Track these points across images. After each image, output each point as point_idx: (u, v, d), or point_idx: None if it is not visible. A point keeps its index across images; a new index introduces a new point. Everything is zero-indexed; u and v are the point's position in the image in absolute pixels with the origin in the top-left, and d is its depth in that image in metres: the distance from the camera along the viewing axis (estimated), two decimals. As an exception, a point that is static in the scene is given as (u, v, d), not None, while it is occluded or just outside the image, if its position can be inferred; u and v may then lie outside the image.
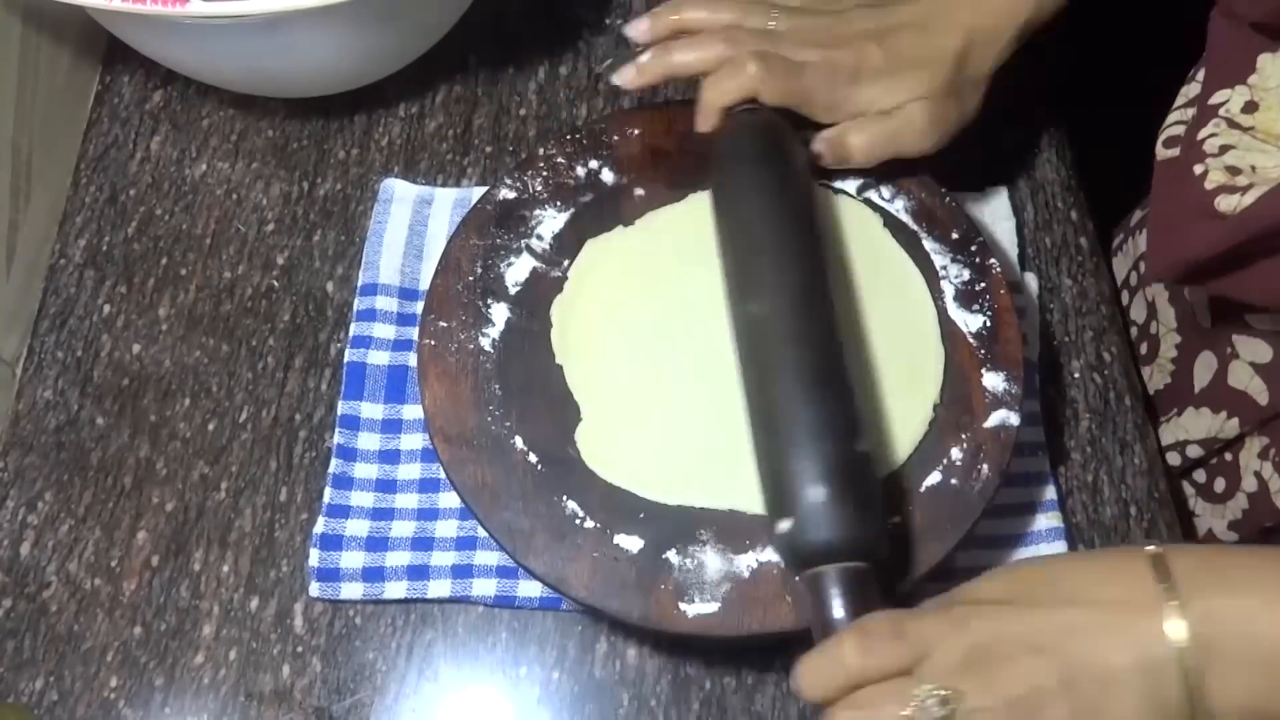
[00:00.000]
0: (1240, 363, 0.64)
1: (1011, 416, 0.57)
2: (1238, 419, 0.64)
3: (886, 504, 0.55)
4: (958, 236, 0.62)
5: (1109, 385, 0.67)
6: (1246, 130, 0.55)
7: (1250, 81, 0.56)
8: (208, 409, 0.65)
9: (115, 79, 0.76)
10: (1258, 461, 0.64)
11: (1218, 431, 0.65)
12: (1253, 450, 0.65)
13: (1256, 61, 0.56)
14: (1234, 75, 0.56)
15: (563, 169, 0.64)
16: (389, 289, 0.66)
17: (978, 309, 0.60)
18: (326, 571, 0.59)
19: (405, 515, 0.61)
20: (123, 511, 0.62)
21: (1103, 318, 0.69)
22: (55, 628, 0.59)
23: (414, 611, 0.60)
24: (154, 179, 0.72)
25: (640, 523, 0.55)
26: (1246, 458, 0.65)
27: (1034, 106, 0.76)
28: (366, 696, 0.58)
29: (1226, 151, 0.55)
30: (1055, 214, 0.72)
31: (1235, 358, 0.64)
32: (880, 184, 0.63)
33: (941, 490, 0.56)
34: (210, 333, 0.67)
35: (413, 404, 0.63)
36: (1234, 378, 0.64)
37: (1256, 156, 0.54)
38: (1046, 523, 0.62)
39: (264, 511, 0.62)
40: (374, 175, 0.72)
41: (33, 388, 0.65)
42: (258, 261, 0.69)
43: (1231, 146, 0.55)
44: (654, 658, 0.59)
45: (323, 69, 0.69)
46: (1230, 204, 0.53)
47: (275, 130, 0.74)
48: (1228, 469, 0.67)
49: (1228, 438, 0.66)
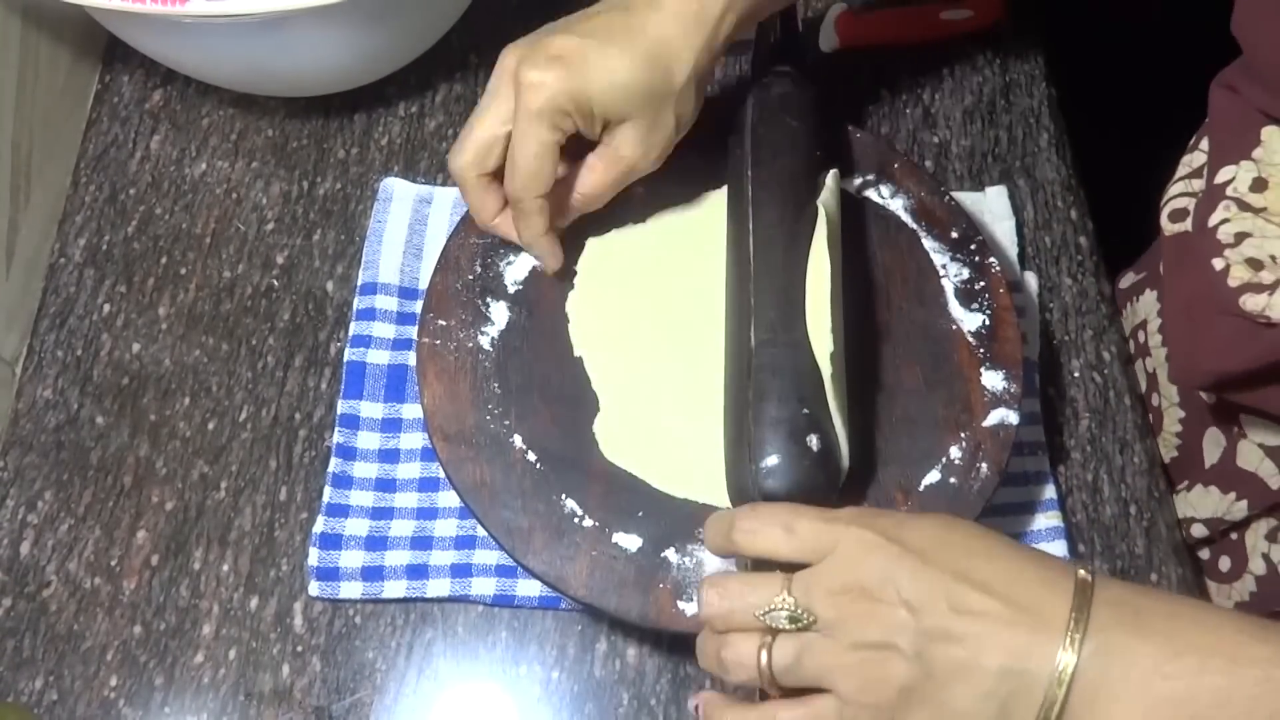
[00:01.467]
0: (1249, 443, 0.62)
1: (1010, 415, 0.57)
2: (1246, 500, 0.62)
3: (881, 502, 0.55)
4: (957, 235, 0.62)
5: (1109, 384, 0.67)
6: (1259, 212, 0.53)
7: (1255, 156, 0.54)
8: (207, 408, 0.65)
9: (115, 78, 0.76)
10: (1265, 544, 0.63)
11: (1224, 512, 0.64)
12: (1259, 532, 0.63)
13: (1261, 134, 0.55)
14: (1239, 150, 0.55)
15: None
16: (389, 288, 0.66)
17: (977, 308, 0.60)
18: (326, 570, 0.59)
19: (405, 514, 0.61)
20: (122, 511, 0.62)
21: (1102, 317, 0.69)
22: (55, 627, 0.59)
23: (414, 611, 0.60)
24: (154, 178, 0.72)
25: (639, 521, 0.55)
26: (1253, 539, 0.64)
27: (1034, 106, 0.76)
28: (366, 696, 0.58)
29: (1243, 241, 0.53)
30: (1055, 213, 0.72)
31: (1243, 437, 0.62)
32: (880, 183, 0.63)
33: (940, 488, 0.56)
34: (210, 332, 0.67)
35: (412, 403, 0.63)
36: (1243, 458, 0.62)
37: (1275, 245, 0.52)
38: (1046, 522, 0.62)
39: (264, 511, 0.62)
40: (374, 174, 0.72)
41: (33, 387, 0.65)
42: (257, 261, 0.69)
43: (1247, 234, 0.53)
44: (654, 657, 0.59)
45: (323, 69, 0.69)
46: (1258, 304, 0.51)
47: (275, 130, 0.74)
48: (1234, 549, 0.65)
49: (1235, 519, 0.64)
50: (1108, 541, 0.63)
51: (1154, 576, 0.62)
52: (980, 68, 0.78)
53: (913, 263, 0.61)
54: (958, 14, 0.77)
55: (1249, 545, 0.64)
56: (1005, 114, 0.76)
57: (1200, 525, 0.65)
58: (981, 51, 0.78)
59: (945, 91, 0.77)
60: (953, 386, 0.58)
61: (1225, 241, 0.53)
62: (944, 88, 0.77)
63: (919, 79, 0.77)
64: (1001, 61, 0.78)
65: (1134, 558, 0.63)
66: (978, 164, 0.74)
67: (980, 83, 0.77)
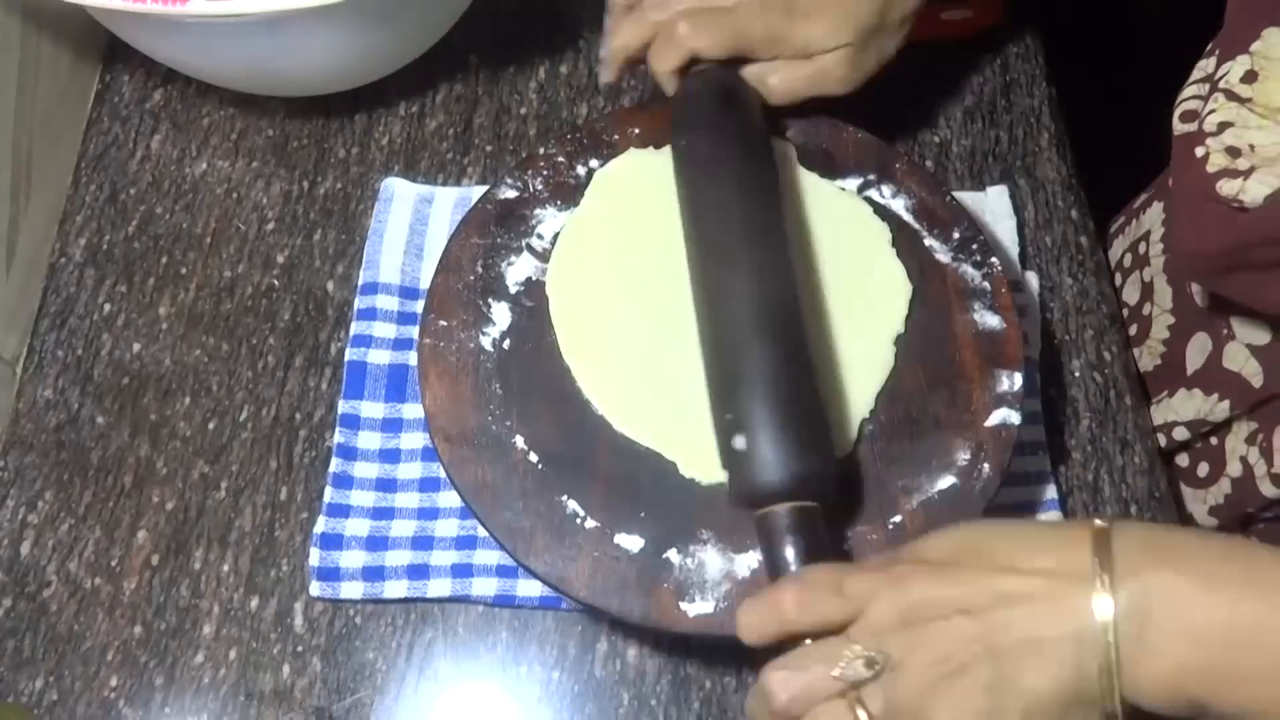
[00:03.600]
0: (1237, 344, 0.63)
1: (1012, 415, 0.57)
2: (1228, 401, 0.64)
3: (885, 503, 0.55)
4: (959, 235, 0.62)
5: (1109, 384, 0.67)
6: (1244, 102, 0.54)
7: (1253, 49, 0.55)
8: (208, 408, 0.65)
9: (115, 78, 0.75)
10: (1244, 446, 0.64)
11: (1207, 414, 0.65)
12: (1240, 435, 0.65)
13: (1263, 32, 0.55)
14: (1242, 46, 0.56)
15: (563, 168, 0.63)
16: (389, 288, 0.66)
17: (979, 308, 0.60)
18: (326, 571, 0.59)
19: (405, 514, 0.61)
20: (123, 511, 0.62)
21: (1103, 317, 0.69)
22: (55, 627, 0.59)
23: (414, 611, 0.60)
24: (154, 178, 0.72)
25: (641, 522, 0.55)
26: (1233, 442, 0.65)
27: (1034, 106, 0.76)
28: (366, 696, 0.58)
29: (1225, 130, 0.54)
30: (1055, 213, 0.72)
31: (1232, 339, 0.64)
32: (882, 183, 0.63)
33: (943, 489, 0.56)
34: (210, 331, 0.67)
35: (413, 403, 0.63)
36: (1229, 359, 0.64)
37: (1254, 134, 0.53)
38: (1047, 522, 0.62)
39: (264, 511, 0.62)
40: (374, 174, 0.72)
41: (33, 387, 0.65)
42: (258, 260, 0.69)
43: (1230, 124, 0.54)
44: (654, 657, 0.59)
45: (323, 69, 0.69)
46: (1233, 188, 0.52)
47: (275, 129, 0.74)
48: (1213, 453, 0.67)
49: (1216, 420, 0.65)
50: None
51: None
52: (980, 68, 0.78)
53: (914, 263, 0.61)
54: (958, 14, 0.77)
55: (1228, 449, 0.65)
56: (1005, 114, 0.76)
57: (1182, 428, 0.67)
58: (981, 51, 0.78)
59: (945, 91, 0.77)
60: (955, 387, 0.58)
61: (1209, 131, 0.54)
62: (944, 88, 0.77)
63: (919, 79, 0.77)
64: (1001, 61, 0.78)
65: (1135, 558, 0.63)
66: (978, 164, 0.74)
67: (980, 83, 0.77)
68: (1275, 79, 0.54)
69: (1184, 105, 0.59)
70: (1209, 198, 0.53)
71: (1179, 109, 0.60)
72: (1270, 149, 0.53)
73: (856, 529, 0.55)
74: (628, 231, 0.62)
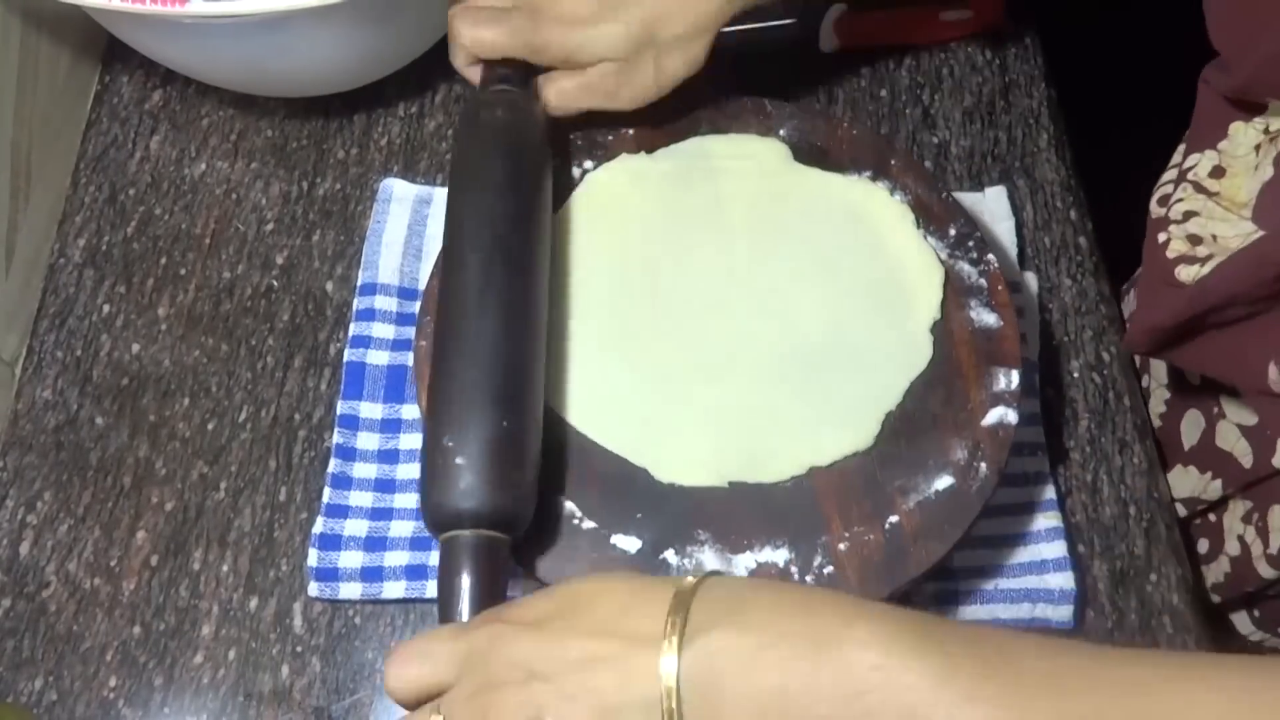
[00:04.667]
0: (1227, 423, 0.63)
1: (1010, 415, 0.57)
2: (1221, 480, 0.64)
3: (881, 503, 0.55)
4: (955, 232, 0.62)
5: (1108, 385, 0.67)
6: (1212, 195, 0.55)
7: (1220, 147, 0.56)
8: (207, 409, 0.65)
9: (115, 79, 0.76)
10: (1241, 525, 0.64)
11: (1201, 492, 0.65)
12: (1236, 514, 0.65)
13: (1229, 128, 0.57)
14: (1210, 140, 0.57)
15: (558, 169, 0.63)
16: (388, 288, 0.66)
17: (976, 305, 0.60)
18: (325, 571, 0.59)
19: (404, 515, 0.61)
20: (122, 511, 0.62)
21: (1102, 317, 0.69)
22: (55, 627, 0.59)
23: (413, 611, 0.60)
24: (153, 178, 0.72)
25: (637, 523, 0.55)
26: (1230, 520, 0.65)
27: (1034, 106, 0.76)
28: (366, 696, 0.58)
29: (1190, 219, 0.55)
30: (1055, 213, 0.72)
31: (1222, 417, 0.64)
32: (877, 178, 0.63)
33: (939, 489, 0.55)
34: (209, 332, 0.67)
35: (412, 404, 0.63)
36: (1221, 438, 0.64)
37: (1218, 225, 0.54)
38: (1045, 522, 0.62)
39: (263, 511, 0.62)
40: (373, 175, 0.72)
41: (32, 387, 0.65)
42: (257, 261, 0.69)
43: (1195, 213, 0.55)
44: (653, 657, 0.59)
45: (323, 69, 0.69)
46: (1190, 274, 0.53)
47: (275, 130, 0.74)
48: (1212, 530, 0.67)
49: (1211, 499, 0.65)
50: (1107, 542, 0.63)
51: (1153, 576, 0.62)
52: (980, 68, 0.78)
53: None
54: (957, 14, 0.77)
55: (1226, 527, 0.65)
56: (1005, 114, 0.76)
57: (1180, 505, 0.66)
58: (981, 51, 0.78)
59: (945, 92, 0.77)
60: (951, 386, 0.58)
61: (1174, 218, 0.55)
62: (944, 88, 0.77)
63: (919, 79, 0.77)
64: (1001, 61, 0.78)
65: (1133, 558, 0.62)
66: (977, 164, 0.74)
67: (980, 83, 0.77)
68: (1242, 174, 0.55)
69: (1161, 190, 0.61)
70: (1167, 281, 0.55)
71: (1156, 194, 0.61)
72: (1232, 240, 0.54)
73: (854, 530, 0.54)
74: (606, 237, 0.62)
